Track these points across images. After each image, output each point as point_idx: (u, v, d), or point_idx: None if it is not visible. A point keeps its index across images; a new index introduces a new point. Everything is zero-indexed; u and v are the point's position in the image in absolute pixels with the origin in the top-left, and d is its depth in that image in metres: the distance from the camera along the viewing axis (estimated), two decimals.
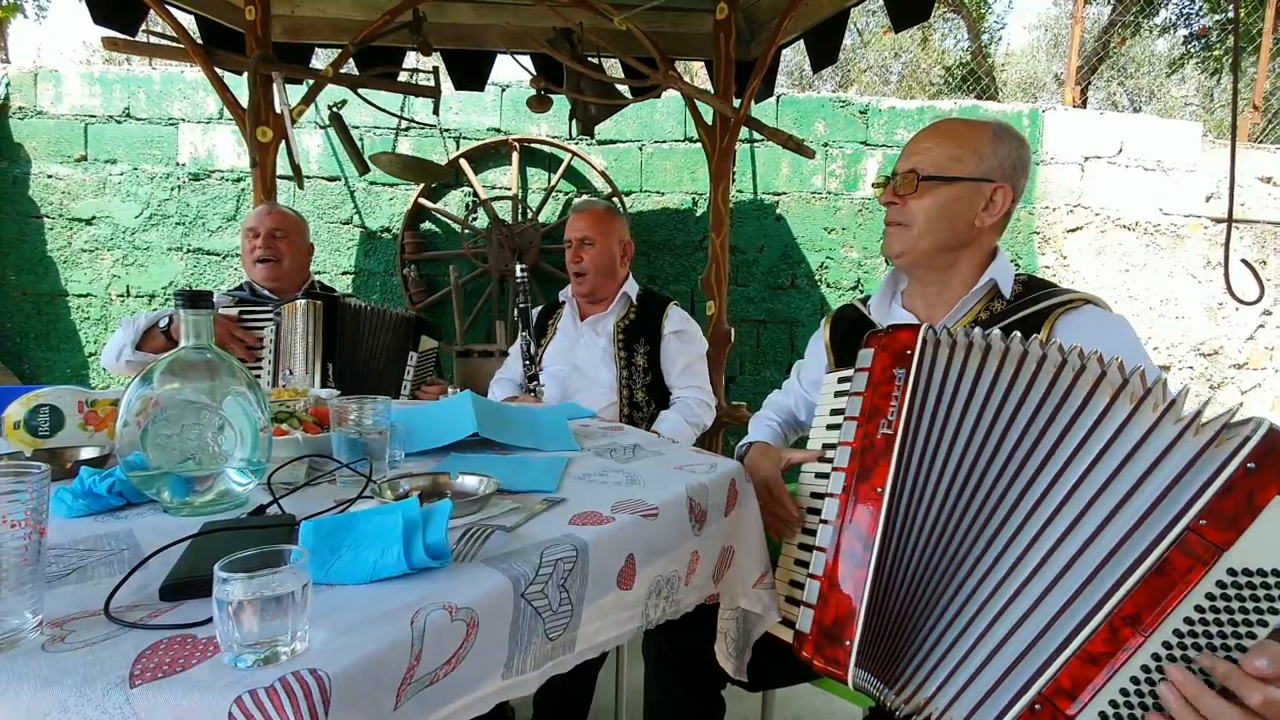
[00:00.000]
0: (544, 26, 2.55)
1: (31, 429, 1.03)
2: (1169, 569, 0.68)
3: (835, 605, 0.87)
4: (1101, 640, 0.70)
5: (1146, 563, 0.69)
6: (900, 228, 1.14)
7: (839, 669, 0.85)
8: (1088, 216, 3.62)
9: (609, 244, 1.96)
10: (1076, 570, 0.74)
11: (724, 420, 2.48)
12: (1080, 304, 1.05)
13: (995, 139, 1.11)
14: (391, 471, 0.99)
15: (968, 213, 1.11)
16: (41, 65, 3.50)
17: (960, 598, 0.81)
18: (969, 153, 1.10)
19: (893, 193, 1.14)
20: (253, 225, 2.03)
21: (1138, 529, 0.71)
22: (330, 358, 1.96)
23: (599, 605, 0.77)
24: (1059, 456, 0.78)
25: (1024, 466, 0.80)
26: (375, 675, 0.52)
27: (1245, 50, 4.26)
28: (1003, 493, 0.81)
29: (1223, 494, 0.67)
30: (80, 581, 0.62)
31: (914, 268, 1.19)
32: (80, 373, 3.56)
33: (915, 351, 0.90)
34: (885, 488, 0.86)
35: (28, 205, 3.48)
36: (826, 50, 2.70)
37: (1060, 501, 0.77)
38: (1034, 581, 0.76)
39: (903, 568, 0.85)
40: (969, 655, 0.79)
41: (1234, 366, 3.69)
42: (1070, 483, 0.77)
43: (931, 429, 0.87)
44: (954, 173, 1.10)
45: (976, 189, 1.10)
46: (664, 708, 1.27)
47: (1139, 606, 0.69)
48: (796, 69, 8.04)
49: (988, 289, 1.13)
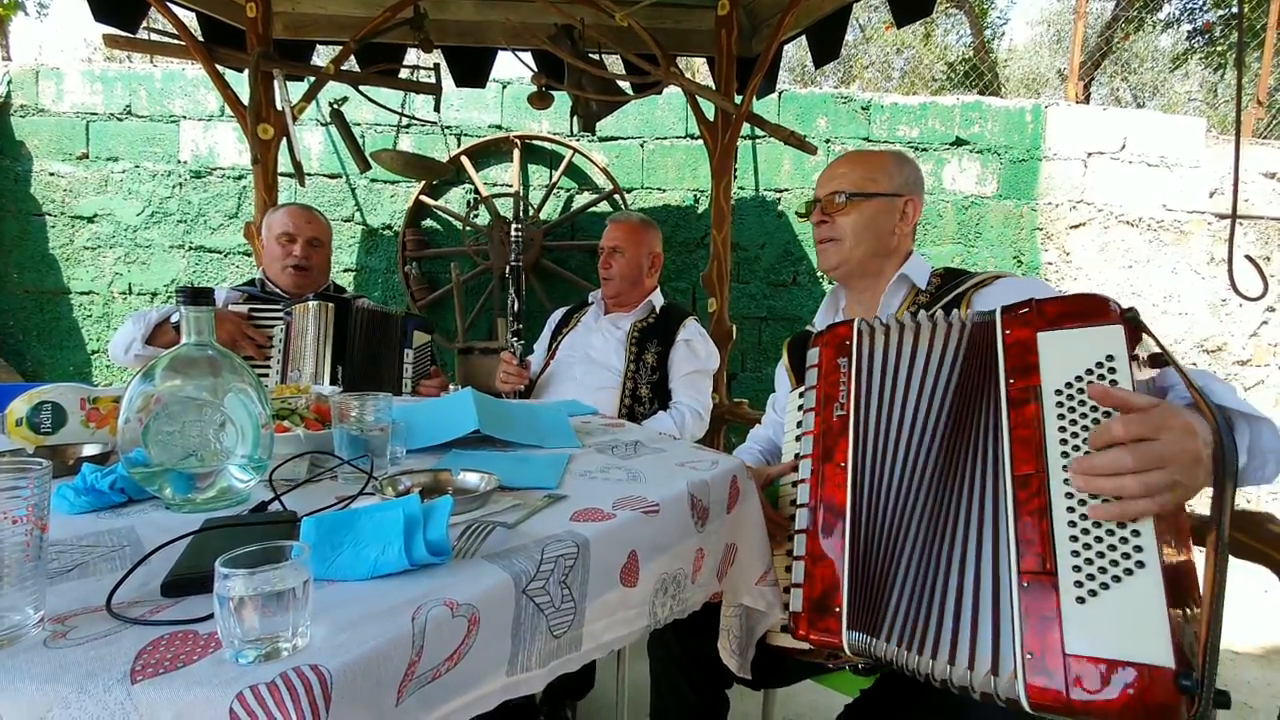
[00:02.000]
0: (545, 23, 2.55)
1: (34, 426, 1.03)
2: (1018, 421, 0.81)
3: (820, 578, 0.90)
4: (1021, 501, 0.77)
5: (1005, 431, 0.81)
6: (833, 243, 1.31)
7: (833, 637, 0.87)
8: (1091, 213, 3.61)
9: (638, 255, 2.09)
10: (983, 476, 0.83)
11: (726, 418, 2.48)
12: (990, 280, 1.17)
13: (896, 161, 1.31)
14: (393, 468, 0.99)
15: (888, 223, 1.29)
16: (43, 63, 3.50)
17: (922, 537, 0.87)
18: (880, 174, 1.29)
19: (821, 212, 1.31)
20: (289, 230, 2.00)
21: (990, 418, 0.84)
22: (340, 360, 1.95)
23: (603, 602, 0.77)
24: (966, 398, 0.90)
25: (945, 414, 0.91)
26: (376, 671, 0.52)
27: (1249, 45, 4.24)
28: (934, 439, 0.91)
29: (1007, 358, 0.84)
30: (82, 577, 0.62)
31: (849, 278, 1.35)
32: (83, 370, 3.57)
33: (853, 340, 1.00)
34: (847, 461, 0.93)
35: (30, 203, 3.49)
36: (829, 46, 2.69)
37: (971, 433, 0.87)
38: (965, 500, 0.84)
39: (875, 528, 0.91)
40: (943, 583, 0.82)
41: (1237, 363, 3.68)
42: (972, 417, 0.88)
43: (878, 402, 0.96)
44: (871, 189, 1.28)
45: (892, 203, 1.29)
46: (670, 706, 1.28)
47: (1024, 460, 0.79)
48: (798, 65, 8.02)
49: (907, 286, 1.28)
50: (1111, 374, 0.75)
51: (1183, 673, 0.63)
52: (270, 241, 2.03)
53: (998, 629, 0.75)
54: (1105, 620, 0.68)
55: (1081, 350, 0.79)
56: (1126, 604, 0.68)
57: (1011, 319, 0.86)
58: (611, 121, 3.40)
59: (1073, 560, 0.72)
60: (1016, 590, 0.74)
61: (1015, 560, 0.75)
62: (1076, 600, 0.70)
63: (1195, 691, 0.63)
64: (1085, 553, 0.71)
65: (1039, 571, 0.73)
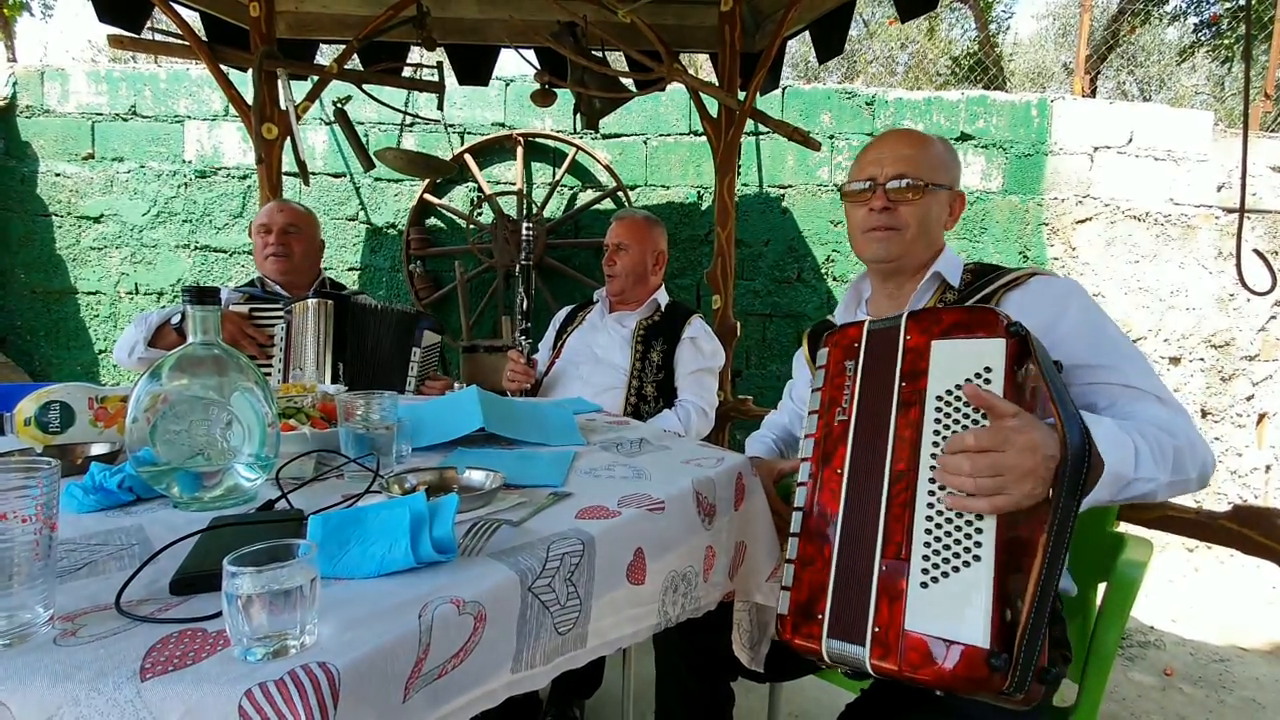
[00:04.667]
0: (548, 20, 2.54)
1: (42, 425, 1.03)
2: (901, 421, 0.88)
3: (808, 583, 0.91)
4: (892, 495, 0.85)
5: (891, 431, 0.88)
6: (894, 234, 1.17)
7: (814, 643, 0.88)
8: (1097, 207, 3.59)
9: (642, 252, 2.08)
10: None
11: (730, 415, 2.48)
12: (1024, 279, 1.08)
13: (949, 150, 1.20)
14: (399, 466, 0.99)
15: (940, 217, 1.19)
16: (48, 64, 3.52)
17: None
18: (939, 163, 1.17)
19: (886, 198, 1.16)
20: (265, 222, 2.03)
21: (883, 413, 0.90)
22: (340, 356, 1.96)
23: (609, 600, 0.77)
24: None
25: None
26: (383, 668, 0.52)
27: (1257, 38, 4.20)
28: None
29: (904, 363, 0.90)
30: (91, 576, 0.62)
31: (899, 273, 1.22)
32: (90, 369, 3.59)
33: (861, 344, 0.98)
34: (844, 468, 0.93)
35: (36, 204, 3.50)
36: (832, 41, 2.68)
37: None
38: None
39: (857, 535, 0.90)
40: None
41: (1245, 358, 3.65)
42: None
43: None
44: (939, 180, 1.16)
45: (950, 196, 1.19)
46: (674, 696, 1.28)
47: (901, 458, 0.86)
48: (802, 60, 8.00)
49: (937, 282, 1.18)
50: (987, 384, 0.82)
51: (994, 653, 0.72)
52: (255, 239, 2.07)
53: (865, 607, 0.83)
54: (941, 603, 0.78)
55: (966, 359, 0.85)
56: (959, 590, 0.77)
57: (914, 324, 0.92)
58: (614, 119, 3.40)
59: (924, 550, 0.81)
60: (878, 573, 0.83)
61: (882, 547, 0.85)
62: (920, 585, 0.80)
63: (1004, 670, 0.72)
64: (935, 545, 0.80)
65: (896, 558, 0.83)
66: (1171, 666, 2.31)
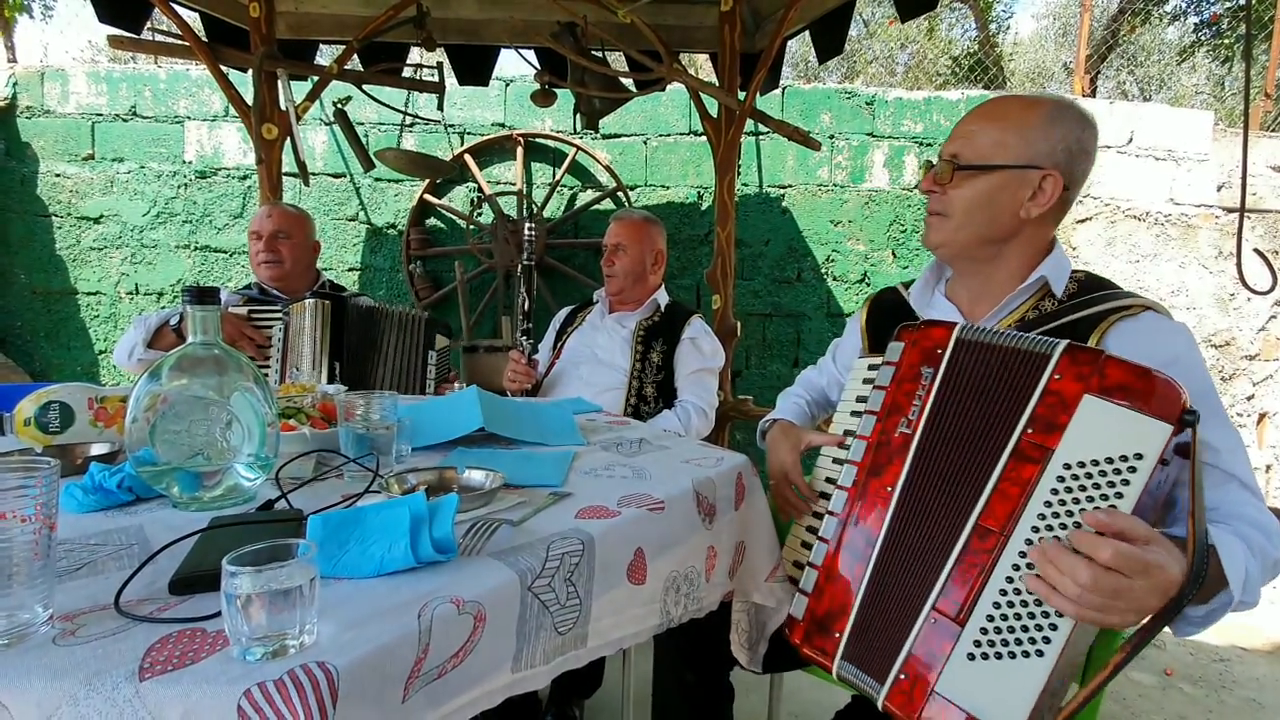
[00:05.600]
0: (548, 20, 2.54)
1: (42, 425, 1.03)
2: (1013, 476, 0.76)
3: (830, 597, 0.87)
4: (972, 550, 0.77)
5: (994, 476, 0.77)
6: (939, 218, 1.06)
7: (825, 659, 0.86)
8: (1097, 207, 3.59)
9: (640, 251, 2.08)
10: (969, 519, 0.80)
11: (730, 414, 2.48)
12: (1138, 311, 0.95)
13: (1050, 121, 1.00)
14: (398, 466, 0.99)
15: (1011, 203, 1.01)
16: (48, 64, 3.52)
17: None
18: (1015, 137, 1.00)
19: (933, 180, 1.06)
20: (255, 229, 2.04)
21: (992, 455, 0.78)
22: (337, 357, 1.97)
23: (610, 600, 0.77)
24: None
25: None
26: (383, 668, 0.52)
27: (1257, 37, 4.20)
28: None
29: (1040, 405, 0.76)
30: (90, 576, 0.62)
31: (954, 260, 1.11)
32: (90, 370, 3.59)
33: (947, 351, 0.88)
34: (896, 487, 0.86)
35: (36, 204, 3.50)
36: (832, 41, 2.68)
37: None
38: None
39: (900, 568, 0.85)
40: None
41: (1246, 358, 3.65)
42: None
43: (952, 434, 0.85)
44: (996, 160, 1.00)
45: (1022, 177, 1.00)
46: (672, 690, 1.26)
47: (996, 514, 0.76)
48: (802, 60, 7.99)
49: (1038, 286, 1.05)
50: (1130, 472, 0.69)
51: None
52: (249, 245, 2.08)
53: (895, 648, 0.79)
54: (983, 681, 0.72)
55: (1118, 436, 0.70)
56: (1010, 677, 0.71)
57: (1071, 363, 0.76)
58: (614, 119, 3.39)
59: (985, 621, 0.74)
60: (924, 621, 0.77)
61: (936, 597, 0.78)
62: (968, 656, 0.74)
63: None
64: (1000, 621, 0.73)
65: (951, 617, 0.76)
66: (1171, 666, 2.30)
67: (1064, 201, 1.04)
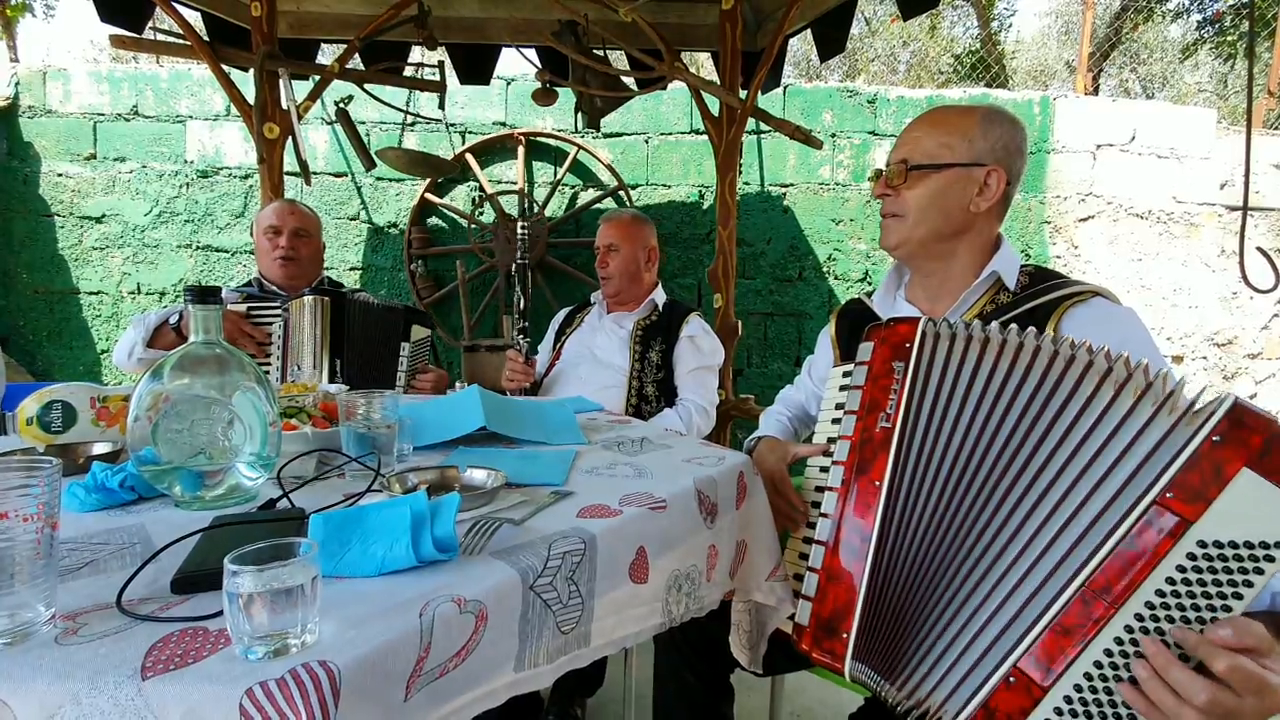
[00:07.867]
0: (549, 19, 2.54)
1: (44, 425, 1.03)
2: (1138, 541, 0.69)
3: (833, 598, 0.87)
4: (1074, 613, 0.71)
5: (1117, 535, 0.71)
6: (895, 219, 1.14)
7: (836, 661, 0.85)
8: (1100, 205, 3.58)
9: (633, 250, 2.08)
10: (1055, 549, 0.75)
11: (732, 413, 2.48)
12: (1088, 296, 1.02)
13: (985, 122, 1.10)
14: (400, 465, 0.99)
15: (961, 198, 1.10)
16: (50, 64, 3.52)
17: (957, 589, 0.82)
18: (958, 139, 1.09)
19: (885, 184, 1.14)
20: (275, 223, 2.01)
21: (1111, 505, 0.73)
22: (338, 353, 1.97)
23: (611, 599, 0.77)
24: (1047, 445, 0.79)
25: (1016, 457, 0.81)
26: (385, 667, 0.52)
27: (1260, 35, 4.19)
28: (996, 483, 0.82)
29: (1189, 467, 0.68)
30: (92, 575, 0.62)
31: (912, 258, 1.18)
32: (92, 369, 3.59)
33: (914, 344, 0.90)
34: (883, 481, 0.86)
35: (38, 204, 3.51)
36: (834, 40, 2.67)
37: (1047, 486, 0.78)
38: (1018, 566, 0.78)
39: (900, 560, 0.86)
40: (964, 646, 0.80)
41: (1248, 357, 3.64)
42: (1056, 468, 0.78)
43: (930, 422, 0.87)
44: (943, 159, 1.09)
45: (968, 174, 1.09)
46: (672, 691, 1.27)
47: (1110, 579, 0.70)
48: (803, 59, 7.99)
49: (992, 281, 1.12)
50: (1268, 562, 0.64)
51: None
52: (260, 237, 2.05)
53: (960, 685, 0.77)
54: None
55: (1265, 516, 0.64)
56: None
57: (1234, 428, 0.66)
58: (616, 118, 3.39)
59: (1072, 691, 0.70)
60: (999, 679, 0.74)
61: (1020, 653, 0.73)
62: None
63: None
64: (1089, 694, 0.69)
65: (1032, 682, 0.71)
66: None
67: (1006, 198, 1.13)
